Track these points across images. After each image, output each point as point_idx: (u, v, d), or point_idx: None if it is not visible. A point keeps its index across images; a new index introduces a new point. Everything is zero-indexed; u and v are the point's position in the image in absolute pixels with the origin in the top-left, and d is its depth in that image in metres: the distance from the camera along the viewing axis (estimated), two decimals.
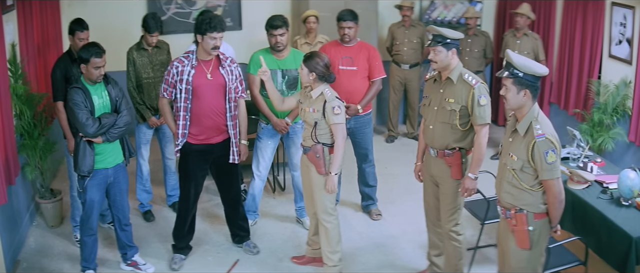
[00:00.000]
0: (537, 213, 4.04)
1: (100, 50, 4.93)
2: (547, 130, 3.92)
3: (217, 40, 5.15)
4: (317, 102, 5.07)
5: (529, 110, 3.96)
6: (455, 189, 4.87)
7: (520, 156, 3.97)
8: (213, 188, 6.43)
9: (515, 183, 4.04)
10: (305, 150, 5.19)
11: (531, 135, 3.90)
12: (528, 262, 4.12)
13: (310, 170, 5.19)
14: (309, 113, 5.10)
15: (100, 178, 5.10)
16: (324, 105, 5.03)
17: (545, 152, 3.86)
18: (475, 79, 4.67)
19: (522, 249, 4.09)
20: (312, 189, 5.24)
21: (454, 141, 4.79)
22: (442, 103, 4.76)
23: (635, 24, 6.50)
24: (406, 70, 8.53)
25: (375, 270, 5.61)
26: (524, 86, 3.91)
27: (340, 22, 6.06)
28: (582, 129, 6.77)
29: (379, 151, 7.67)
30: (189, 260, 5.72)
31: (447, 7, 9.03)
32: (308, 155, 5.15)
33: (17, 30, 5.99)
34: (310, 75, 5.03)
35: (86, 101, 4.91)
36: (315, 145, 5.09)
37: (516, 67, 3.92)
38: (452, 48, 4.67)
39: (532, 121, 3.94)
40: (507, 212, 4.13)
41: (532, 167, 3.95)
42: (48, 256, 5.77)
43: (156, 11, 7.13)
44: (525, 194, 4.03)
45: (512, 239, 4.12)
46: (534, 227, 4.05)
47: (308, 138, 5.15)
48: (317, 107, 5.05)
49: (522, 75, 3.90)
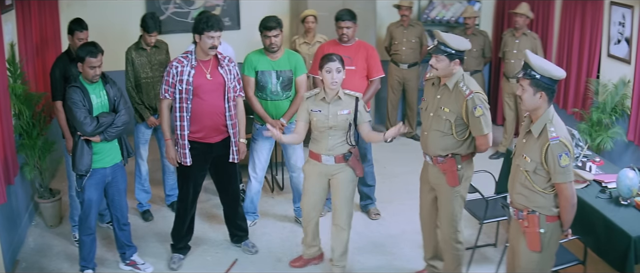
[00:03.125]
0: (549, 216, 4.02)
1: (96, 50, 4.92)
2: (561, 133, 3.91)
3: (215, 40, 5.14)
4: (348, 102, 5.00)
5: (544, 112, 3.95)
6: (451, 197, 4.80)
7: (533, 158, 3.96)
8: (212, 188, 6.42)
9: (528, 185, 4.03)
10: (347, 157, 5.04)
11: (545, 137, 3.89)
12: (537, 265, 4.10)
13: (338, 177, 5.10)
14: (341, 115, 4.96)
15: (98, 177, 5.10)
16: (356, 102, 5.00)
17: (558, 155, 3.85)
18: (470, 89, 4.57)
19: (532, 251, 4.07)
20: (342, 196, 5.11)
21: (446, 149, 4.71)
22: (438, 111, 4.71)
23: (634, 23, 6.51)
24: (404, 70, 8.53)
25: (374, 270, 5.61)
26: (540, 88, 3.90)
27: (339, 22, 6.06)
28: (580, 128, 6.78)
29: (378, 151, 7.66)
30: (188, 259, 5.72)
31: (445, 7, 9.03)
32: (350, 161, 5.04)
33: (16, 30, 5.98)
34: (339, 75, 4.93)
35: (84, 100, 4.91)
36: (353, 148, 5.04)
37: (534, 68, 3.89)
38: (456, 59, 4.58)
39: (546, 123, 3.92)
40: (519, 213, 4.11)
41: (545, 170, 3.93)
42: (47, 256, 5.77)
43: (155, 11, 7.12)
44: (538, 196, 4.02)
45: (523, 241, 4.11)
46: (545, 230, 4.03)
47: (339, 146, 5.03)
48: (351, 107, 4.99)
49: (539, 77, 3.89)
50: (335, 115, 4.96)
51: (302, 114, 5.13)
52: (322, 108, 5.00)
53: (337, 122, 4.96)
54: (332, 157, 5.04)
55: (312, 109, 5.03)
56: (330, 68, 4.91)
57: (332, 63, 4.92)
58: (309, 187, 5.26)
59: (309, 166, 5.22)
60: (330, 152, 5.03)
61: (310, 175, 5.22)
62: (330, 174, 5.13)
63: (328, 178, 5.18)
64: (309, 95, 5.11)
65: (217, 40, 5.18)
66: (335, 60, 4.93)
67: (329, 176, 5.15)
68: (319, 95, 5.04)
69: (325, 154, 5.05)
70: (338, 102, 4.99)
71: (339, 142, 5.02)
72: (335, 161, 5.05)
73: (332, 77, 4.91)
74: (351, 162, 5.04)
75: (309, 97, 5.10)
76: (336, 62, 4.93)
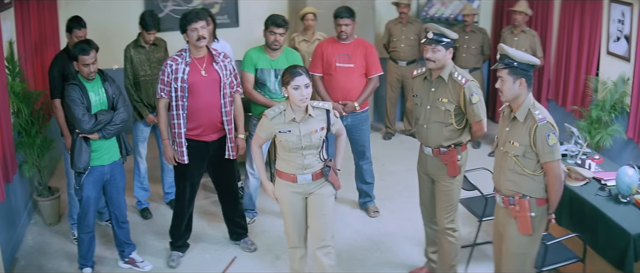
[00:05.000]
0: (538, 199, 4.16)
1: (89, 47, 4.91)
2: (545, 114, 4.07)
3: (199, 30, 5.12)
4: (320, 117, 4.51)
5: (525, 99, 4.10)
6: (452, 187, 4.89)
7: (521, 142, 4.09)
8: (210, 185, 6.42)
9: (518, 170, 4.15)
10: (326, 173, 4.55)
11: (532, 119, 4.04)
12: (527, 247, 4.24)
13: (317, 194, 4.61)
14: (315, 135, 4.47)
15: (96, 175, 5.09)
16: (327, 115, 4.54)
17: (547, 134, 4.00)
18: (465, 78, 4.69)
19: (523, 235, 4.18)
20: (326, 211, 4.64)
21: (449, 139, 4.80)
22: (435, 103, 4.79)
23: (634, 20, 6.50)
24: (403, 67, 8.52)
25: (373, 267, 5.61)
26: (519, 75, 4.05)
27: (338, 20, 6.05)
28: (580, 126, 6.77)
29: (377, 148, 7.67)
30: (187, 257, 5.72)
31: (444, 4, 9.02)
32: (330, 177, 4.57)
33: (15, 27, 5.97)
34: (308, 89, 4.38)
35: (83, 97, 4.91)
36: (330, 161, 4.58)
37: (510, 56, 4.04)
38: (450, 48, 4.71)
39: (530, 107, 4.08)
40: (510, 199, 4.21)
41: (534, 152, 4.06)
42: (46, 254, 5.76)
43: (153, 9, 7.10)
44: (528, 180, 4.14)
45: (513, 226, 4.22)
46: (536, 213, 4.16)
47: (316, 162, 4.53)
48: (323, 122, 4.52)
49: (517, 65, 4.04)
50: (308, 135, 4.44)
51: (262, 134, 4.61)
52: (291, 128, 4.43)
53: (311, 142, 4.46)
54: (309, 175, 4.54)
55: (281, 130, 4.45)
56: (297, 84, 4.33)
57: (300, 78, 4.34)
58: (287, 210, 4.69)
59: (282, 188, 4.64)
60: (306, 170, 4.53)
61: (285, 197, 4.66)
62: (307, 193, 4.63)
63: (305, 197, 4.67)
64: (273, 115, 4.48)
65: (203, 30, 5.14)
66: (302, 75, 4.36)
67: (306, 195, 4.64)
68: (286, 114, 4.45)
69: (301, 174, 4.54)
70: (309, 119, 4.45)
71: (314, 159, 4.53)
72: (312, 179, 4.55)
73: (301, 94, 4.34)
74: (331, 178, 4.58)
75: (274, 116, 4.48)
76: (304, 76, 4.36)
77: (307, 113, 4.44)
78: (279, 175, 4.65)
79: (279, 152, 4.60)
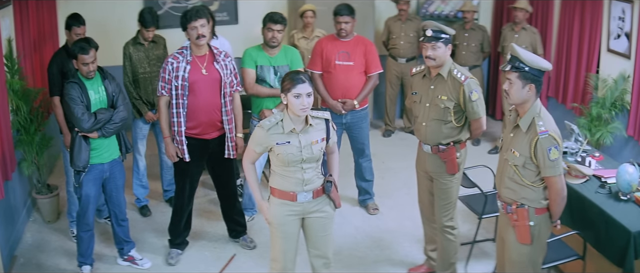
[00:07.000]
0: (538, 208, 4.02)
1: (88, 46, 4.89)
2: (549, 126, 3.88)
3: (198, 28, 5.10)
4: (319, 127, 4.18)
5: (532, 105, 3.92)
6: (450, 185, 4.88)
7: (522, 152, 3.94)
8: (210, 183, 6.42)
9: (517, 179, 4.02)
10: (328, 190, 4.21)
11: (534, 131, 3.87)
12: (528, 257, 4.11)
13: (318, 214, 4.28)
14: (316, 146, 4.13)
15: (95, 173, 5.08)
16: (327, 125, 4.21)
17: (548, 149, 3.83)
18: (465, 75, 4.67)
19: (522, 244, 4.08)
20: (329, 232, 4.37)
21: (448, 136, 4.78)
22: (434, 100, 4.76)
23: (634, 18, 6.49)
24: (403, 65, 8.51)
25: (372, 265, 5.61)
26: (529, 81, 3.86)
27: (337, 17, 6.04)
28: (580, 123, 6.77)
29: (376, 145, 7.66)
30: (186, 255, 5.72)
31: (444, 1, 9.01)
32: (332, 193, 4.23)
33: (14, 25, 5.96)
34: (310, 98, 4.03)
35: (82, 96, 4.89)
36: (330, 176, 4.27)
37: (522, 61, 3.86)
38: (449, 44, 4.69)
39: (534, 117, 3.90)
40: (508, 207, 4.11)
41: (535, 164, 3.92)
42: (45, 251, 5.76)
43: (152, 6, 7.09)
44: (527, 190, 4.01)
45: (512, 234, 4.12)
46: (535, 222, 4.03)
47: (316, 178, 4.19)
48: (323, 133, 4.19)
49: (529, 70, 3.85)
50: (309, 147, 4.09)
51: (257, 148, 4.21)
52: (290, 139, 4.07)
53: (312, 154, 4.10)
54: (309, 193, 4.18)
55: (278, 142, 4.08)
56: (299, 92, 3.96)
57: (302, 86, 3.97)
58: (280, 232, 4.28)
59: (277, 208, 4.24)
60: (306, 186, 4.16)
61: (279, 219, 4.26)
62: (306, 213, 4.26)
63: (302, 219, 4.31)
64: (270, 125, 4.09)
65: (203, 29, 5.12)
66: (305, 82, 3.99)
67: (304, 215, 4.28)
68: (284, 124, 4.09)
69: (301, 191, 4.17)
70: (309, 129, 4.12)
71: (314, 174, 4.18)
72: (313, 196, 4.20)
73: (302, 103, 3.98)
74: (333, 194, 4.24)
75: (270, 127, 4.10)
76: (306, 83, 3.99)
77: (307, 123, 4.10)
78: (273, 193, 4.26)
79: (275, 167, 4.20)
